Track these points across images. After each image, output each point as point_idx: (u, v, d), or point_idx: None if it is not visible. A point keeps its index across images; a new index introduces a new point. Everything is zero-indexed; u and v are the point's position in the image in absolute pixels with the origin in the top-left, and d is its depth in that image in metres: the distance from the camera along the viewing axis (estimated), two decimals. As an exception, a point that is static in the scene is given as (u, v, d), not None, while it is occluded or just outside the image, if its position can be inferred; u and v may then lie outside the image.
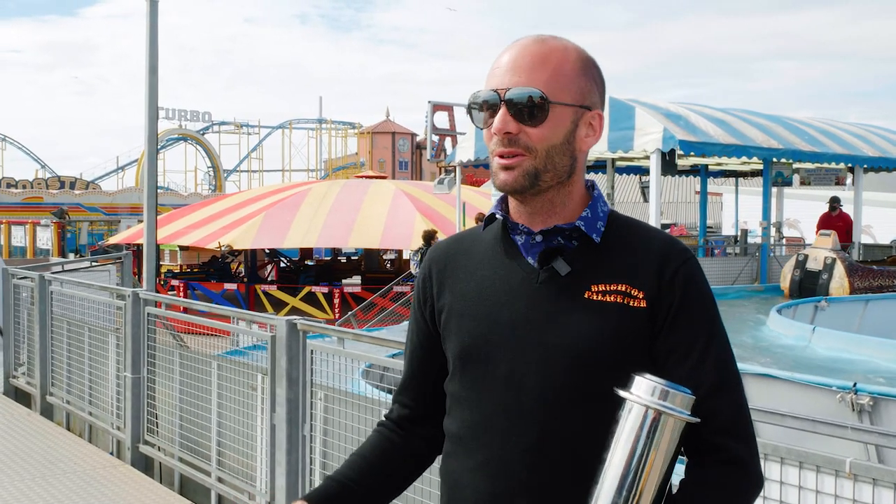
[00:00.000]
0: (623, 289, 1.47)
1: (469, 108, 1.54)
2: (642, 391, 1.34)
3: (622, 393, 1.35)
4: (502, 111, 1.46)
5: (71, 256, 26.21)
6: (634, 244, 1.52)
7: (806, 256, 11.67)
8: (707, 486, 1.43)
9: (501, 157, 1.48)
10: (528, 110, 1.45)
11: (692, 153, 11.20)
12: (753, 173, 16.73)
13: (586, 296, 1.47)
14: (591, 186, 1.57)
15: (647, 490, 1.33)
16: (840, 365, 6.85)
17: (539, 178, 1.47)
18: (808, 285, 11.32)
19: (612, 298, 1.46)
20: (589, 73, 1.52)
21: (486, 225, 1.60)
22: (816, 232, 15.06)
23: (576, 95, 1.49)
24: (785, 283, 11.80)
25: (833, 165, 14.37)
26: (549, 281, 1.49)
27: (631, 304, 1.46)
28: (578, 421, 1.44)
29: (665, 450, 1.33)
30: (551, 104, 1.46)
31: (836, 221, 14.58)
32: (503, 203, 1.57)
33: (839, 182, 19.50)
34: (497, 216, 1.57)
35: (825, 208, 14.59)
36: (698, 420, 1.35)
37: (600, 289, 1.47)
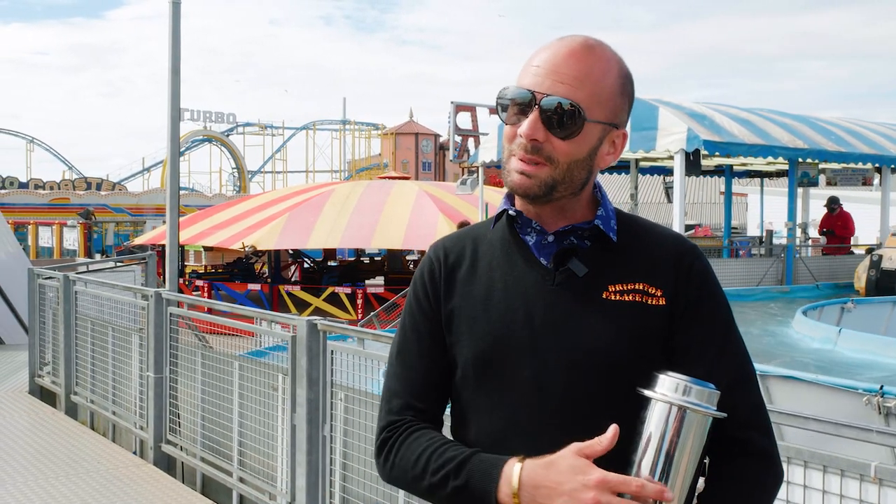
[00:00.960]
0: (641, 287, 1.45)
1: (497, 102, 1.48)
2: (666, 389, 1.32)
3: (647, 392, 1.34)
4: (534, 116, 1.41)
5: (97, 257, 26.45)
6: (646, 242, 1.50)
7: (881, 256, 11.63)
8: (735, 480, 1.42)
9: (521, 160, 1.44)
10: (562, 122, 1.40)
11: (716, 153, 11.10)
12: (779, 174, 16.57)
13: (604, 296, 1.45)
14: (597, 186, 1.54)
15: (677, 489, 1.32)
16: (867, 367, 6.76)
17: (555, 189, 1.44)
18: (886, 284, 11.28)
19: (630, 298, 1.44)
20: (626, 90, 1.48)
21: (496, 221, 1.55)
22: (819, 232, 15.09)
23: (609, 113, 1.45)
24: (860, 284, 11.73)
25: (860, 166, 14.20)
26: (565, 282, 1.46)
27: (649, 302, 1.44)
28: (604, 423, 1.39)
29: (693, 447, 1.32)
30: (586, 121, 1.41)
31: (835, 221, 14.58)
32: (511, 199, 1.53)
33: (866, 182, 19.29)
34: (510, 212, 1.52)
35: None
36: (724, 415, 1.34)
37: (617, 288, 1.45)
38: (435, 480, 1.42)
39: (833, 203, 14.83)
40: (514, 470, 1.33)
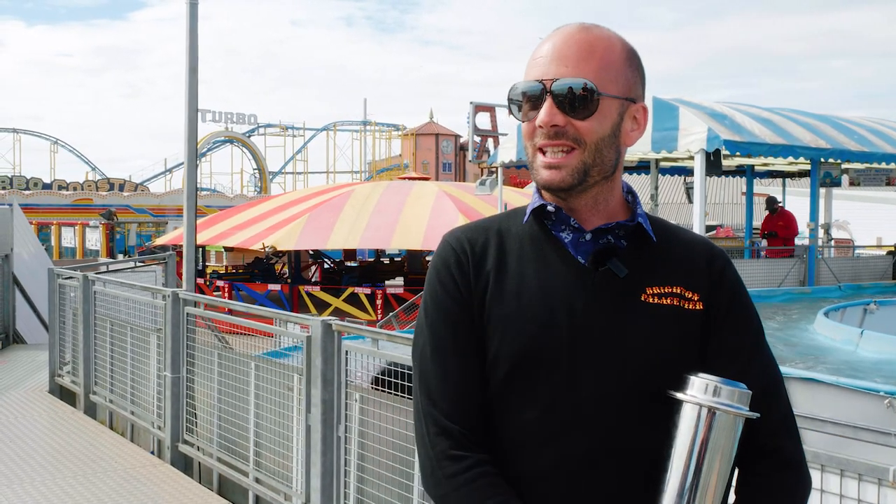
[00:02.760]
0: (678, 291, 1.43)
1: (509, 102, 1.45)
2: (696, 390, 1.31)
3: (676, 395, 1.33)
4: (548, 103, 1.39)
5: (119, 257, 26.63)
6: (679, 244, 1.48)
7: None
8: (769, 493, 1.40)
9: (545, 152, 1.41)
10: (577, 102, 1.38)
11: (737, 153, 11.01)
12: (801, 174, 16.44)
13: (643, 298, 1.42)
14: (627, 190, 1.52)
15: (710, 491, 1.29)
16: (889, 369, 6.68)
17: (588, 173, 1.41)
18: None
19: (668, 301, 1.42)
20: (634, 63, 1.46)
21: (535, 215, 1.48)
22: (760, 234, 14.70)
23: (622, 87, 1.43)
24: None
25: (883, 166, 14.06)
26: (605, 283, 1.42)
27: (686, 306, 1.43)
28: (641, 427, 1.39)
29: (725, 448, 1.30)
30: (601, 96, 1.39)
31: (776, 222, 14.20)
32: (541, 194, 1.49)
33: (890, 182, 19.07)
34: (548, 207, 1.46)
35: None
36: (757, 415, 1.32)
37: (655, 291, 1.43)
38: None
39: (772, 203, 14.42)
40: None
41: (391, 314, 16.73)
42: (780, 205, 14.58)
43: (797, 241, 14.61)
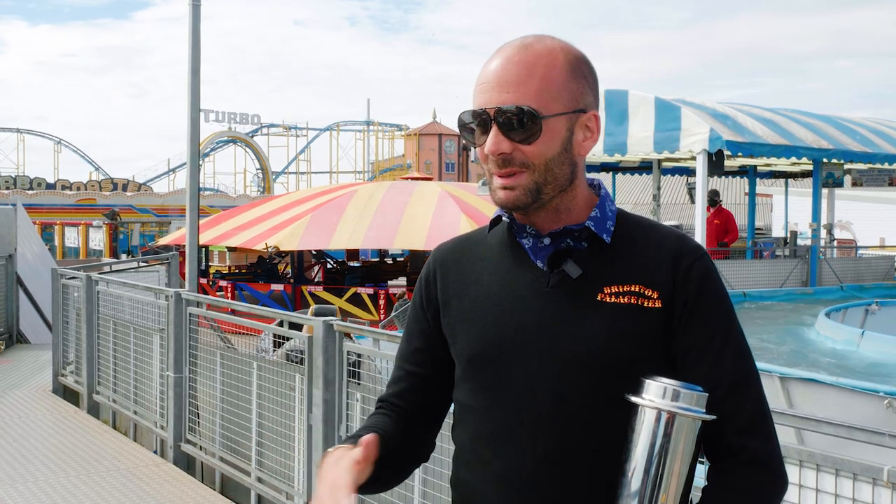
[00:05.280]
0: (637, 289, 1.43)
1: (459, 130, 1.48)
2: (653, 394, 1.31)
3: (634, 399, 1.33)
4: (493, 131, 1.41)
5: (123, 257, 26.67)
6: (646, 243, 1.48)
7: None
8: (731, 490, 1.40)
9: (500, 176, 1.44)
10: (520, 128, 1.39)
11: (740, 154, 11.01)
12: (803, 174, 16.43)
13: (599, 298, 1.43)
14: (597, 186, 1.53)
15: (669, 495, 1.31)
16: (890, 370, 6.69)
17: (541, 192, 1.43)
18: None
19: (625, 300, 1.43)
20: (579, 73, 1.46)
21: (491, 227, 1.55)
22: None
23: (568, 102, 1.43)
24: None
25: (886, 166, 14.05)
26: (559, 284, 1.45)
27: (645, 304, 1.43)
28: (597, 427, 1.40)
29: (684, 451, 1.31)
30: (543, 118, 1.40)
31: (712, 220, 13.51)
32: None
33: (892, 183, 19.04)
34: (504, 219, 1.52)
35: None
36: (714, 417, 1.33)
37: (613, 290, 1.43)
38: None
39: (709, 198, 13.48)
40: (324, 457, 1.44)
41: (393, 314, 16.77)
42: (719, 200, 13.94)
43: (800, 241, 14.59)
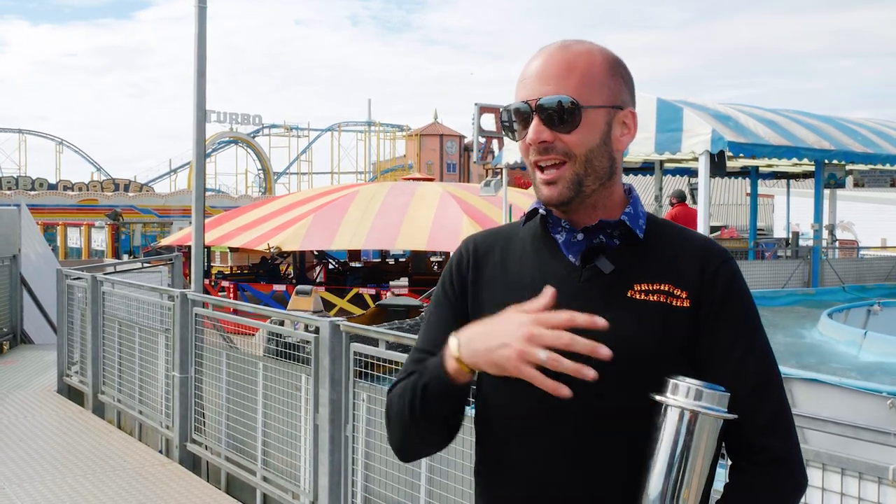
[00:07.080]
0: (666, 288, 1.47)
1: (503, 127, 1.54)
2: (678, 394, 1.34)
3: (658, 397, 1.36)
4: (535, 121, 1.46)
5: (125, 257, 26.71)
6: (675, 244, 1.52)
7: None
8: (752, 489, 1.44)
9: (541, 169, 1.48)
10: (561, 117, 1.45)
11: (741, 155, 11.02)
12: (805, 175, 16.45)
13: (629, 295, 1.47)
14: (628, 190, 1.57)
15: (691, 492, 1.34)
16: (892, 370, 6.71)
17: (582, 184, 1.47)
18: None
19: (655, 298, 1.46)
20: (617, 72, 1.52)
21: (527, 220, 1.58)
22: None
23: (607, 97, 1.49)
24: None
25: (887, 167, 14.07)
26: (591, 279, 1.48)
27: (674, 303, 1.46)
28: (622, 422, 1.43)
29: (706, 450, 1.35)
30: (583, 108, 1.46)
31: (674, 215, 13.09)
32: None
33: (894, 184, 19.10)
34: (540, 211, 1.55)
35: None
36: (735, 417, 1.36)
37: (643, 288, 1.47)
38: (410, 398, 1.49)
39: (673, 197, 13.46)
40: (452, 340, 1.42)
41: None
42: (675, 200, 13.48)
43: (802, 242, 14.61)
